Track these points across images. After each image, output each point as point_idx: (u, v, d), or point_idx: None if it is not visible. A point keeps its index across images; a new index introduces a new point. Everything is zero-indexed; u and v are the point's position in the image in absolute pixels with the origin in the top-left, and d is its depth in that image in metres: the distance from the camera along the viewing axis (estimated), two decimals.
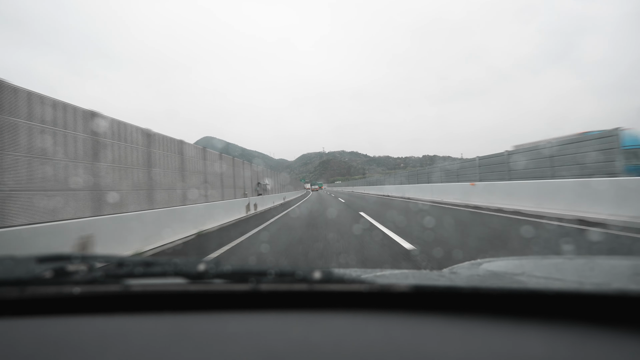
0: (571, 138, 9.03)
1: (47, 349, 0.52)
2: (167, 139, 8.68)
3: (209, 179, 11.23)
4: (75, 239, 4.15)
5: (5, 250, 3.47)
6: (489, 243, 4.72)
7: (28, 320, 0.60)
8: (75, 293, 0.63)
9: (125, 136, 7.01)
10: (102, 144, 6.23)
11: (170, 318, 0.61)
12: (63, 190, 5.26)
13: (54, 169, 5.13)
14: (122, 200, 6.58)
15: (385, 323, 0.57)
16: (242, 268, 0.69)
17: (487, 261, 1.12)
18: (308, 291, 0.64)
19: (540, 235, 5.18)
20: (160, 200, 7.93)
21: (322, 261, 4.05)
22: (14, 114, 4.60)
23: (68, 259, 0.72)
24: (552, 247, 4.25)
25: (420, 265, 3.65)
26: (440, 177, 18.04)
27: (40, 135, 4.96)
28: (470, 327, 0.55)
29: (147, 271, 0.70)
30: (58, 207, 5.09)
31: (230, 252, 5.06)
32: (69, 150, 5.48)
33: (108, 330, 0.57)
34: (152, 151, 7.93)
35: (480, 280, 0.83)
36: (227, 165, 13.64)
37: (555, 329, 0.53)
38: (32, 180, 4.75)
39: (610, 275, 0.89)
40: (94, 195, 5.88)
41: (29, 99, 4.85)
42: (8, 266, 0.76)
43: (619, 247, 4.09)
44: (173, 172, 8.76)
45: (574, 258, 1.29)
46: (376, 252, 4.40)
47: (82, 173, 5.68)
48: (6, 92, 4.52)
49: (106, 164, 6.28)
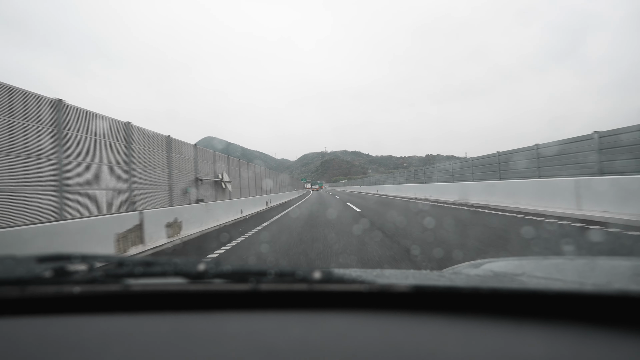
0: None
1: (47, 348, 0.52)
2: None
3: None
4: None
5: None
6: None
7: (28, 319, 0.61)
8: (75, 292, 0.63)
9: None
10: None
11: (170, 318, 0.61)
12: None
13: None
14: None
15: (385, 323, 0.57)
16: (242, 268, 0.69)
17: (487, 261, 1.12)
18: (308, 291, 0.64)
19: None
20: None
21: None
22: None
23: (68, 259, 0.72)
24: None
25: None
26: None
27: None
28: (470, 328, 0.55)
29: (147, 271, 0.70)
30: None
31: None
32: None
33: (108, 329, 0.57)
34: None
35: (480, 281, 0.83)
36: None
37: (556, 330, 0.53)
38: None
39: (611, 275, 0.89)
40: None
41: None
42: (8, 265, 0.76)
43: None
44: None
45: (574, 258, 1.29)
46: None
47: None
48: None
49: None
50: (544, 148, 10.50)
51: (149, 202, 8.26)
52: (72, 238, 4.35)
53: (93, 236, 4.70)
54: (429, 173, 20.04)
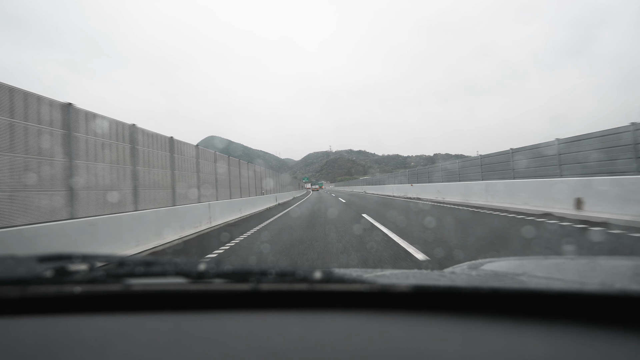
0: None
1: (48, 348, 0.52)
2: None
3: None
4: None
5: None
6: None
7: (29, 319, 0.61)
8: (76, 292, 0.63)
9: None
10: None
11: (170, 317, 0.61)
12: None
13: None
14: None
15: (386, 323, 0.57)
16: (243, 268, 0.69)
17: (488, 261, 1.12)
18: (308, 291, 0.64)
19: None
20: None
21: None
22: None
23: (69, 259, 0.72)
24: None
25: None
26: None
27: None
28: (471, 328, 0.55)
29: (147, 271, 0.70)
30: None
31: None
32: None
33: (109, 329, 0.57)
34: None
35: (481, 281, 0.83)
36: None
37: (556, 330, 0.52)
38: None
39: (612, 275, 0.89)
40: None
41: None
42: (9, 265, 0.76)
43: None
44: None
45: (575, 258, 1.29)
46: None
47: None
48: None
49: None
50: (565, 144, 9.44)
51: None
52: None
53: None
54: (432, 172, 19.47)
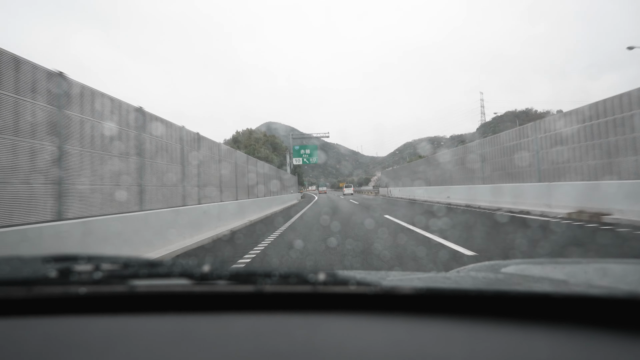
0: None
1: (53, 348, 0.52)
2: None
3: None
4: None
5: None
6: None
7: (34, 319, 0.61)
8: (81, 293, 0.64)
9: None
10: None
11: (174, 319, 0.61)
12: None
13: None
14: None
15: (390, 326, 0.57)
16: (246, 269, 0.70)
17: (494, 263, 1.11)
18: (312, 293, 0.64)
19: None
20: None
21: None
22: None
23: (74, 259, 0.73)
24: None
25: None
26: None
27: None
28: (476, 331, 0.54)
29: (152, 272, 0.70)
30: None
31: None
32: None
33: (113, 330, 0.57)
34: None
35: (486, 283, 0.82)
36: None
37: (563, 333, 0.52)
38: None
39: (621, 278, 0.88)
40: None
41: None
42: (15, 266, 0.77)
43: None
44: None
45: (583, 261, 1.28)
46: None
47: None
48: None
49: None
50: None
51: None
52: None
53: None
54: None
